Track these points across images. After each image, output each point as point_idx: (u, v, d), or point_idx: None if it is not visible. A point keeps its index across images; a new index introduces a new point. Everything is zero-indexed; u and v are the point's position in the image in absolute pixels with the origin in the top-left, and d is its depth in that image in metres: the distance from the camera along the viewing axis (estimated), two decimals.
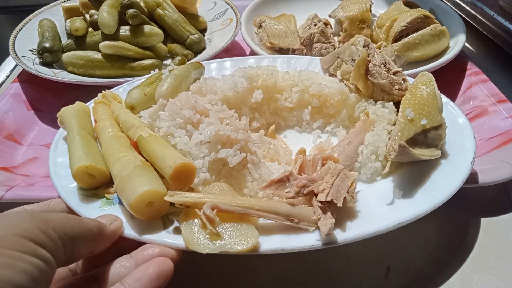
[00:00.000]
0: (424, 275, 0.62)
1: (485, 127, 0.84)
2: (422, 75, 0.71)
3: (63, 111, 0.72)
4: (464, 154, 0.63)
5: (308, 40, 1.05)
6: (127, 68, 1.03)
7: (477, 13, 1.11)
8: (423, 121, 0.62)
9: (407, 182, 0.61)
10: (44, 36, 1.06)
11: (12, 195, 0.70)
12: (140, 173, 0.56)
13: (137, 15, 1.04)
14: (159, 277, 0.47)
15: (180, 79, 0.76)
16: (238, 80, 0.76)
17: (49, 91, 1.03)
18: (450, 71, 0.99)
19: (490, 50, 1.13)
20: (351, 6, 1.11)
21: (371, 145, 0.67)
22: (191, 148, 0.63)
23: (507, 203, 0.72)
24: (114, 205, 0.59)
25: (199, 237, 0.52)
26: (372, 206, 0.58)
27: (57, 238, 0.41)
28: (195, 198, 0.54)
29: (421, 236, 0.67)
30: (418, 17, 1.01)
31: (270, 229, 0.55)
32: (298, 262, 0.64)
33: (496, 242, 0.66)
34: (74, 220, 0.46)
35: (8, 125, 0.91)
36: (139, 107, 0.74)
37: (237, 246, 0.51)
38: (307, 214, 0.55)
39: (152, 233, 0.54)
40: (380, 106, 0.74)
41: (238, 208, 0.53)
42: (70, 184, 0.62)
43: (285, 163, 0.70)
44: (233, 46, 1.19)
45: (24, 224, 0.39)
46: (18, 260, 0.36)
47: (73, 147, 0.64)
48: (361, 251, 0.65)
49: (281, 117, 0.81)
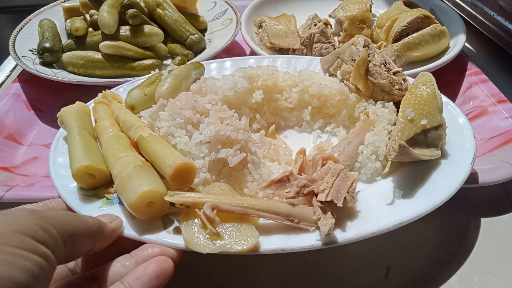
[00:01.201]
0: (424, 275, 0.62)
1: (485, 127, 0.84)
2: (422, 75, 0.71)
3: (63, 111, 0.72)
4: (464, 154, 0.63)
5: (308, 40, 1.05)
6: (127, 68, 1.03)
7: (477, 13, 1.11)
8: (423, 121, 0.62)
9: (407, 182, 0.61)
10: (44, 36, 1.06)
11: (12, 195, 0.70)
12: (140, 173, 0.56)
13: (137, 15, 1.04)
14: (159, 276, 0.47)
15: (180, 79, 0.76)
16: (238, 80, 0.76)
17: (49, 91, 1.03)
18: (450, 71, 0.99)
19: (490, 50, 1.13)
20: (351, 6, 1.11)
21: (371, 145, 0.67)
22: (191, 148, 0.63)
23: (507, 203, 0.72)
24: (114, 205, 0.59)
25: (199, 237, 0.52)
26: (372, 206, 0.58)
27: (57, 235, 0.41)
28: (195, 198, 0.54)
29: (421, 236, 0.67)
30: (418, 17, 1.01)
31: (270, 229, 0.55)
32: (298, 262, 0.64)
33: (496, 242, 0.66)
34: (74, 217, 0.46)
35: (8, 125, 0.91)
36: (139, 107, 0.74)
37: (237, 246, 0.51)
38: (307, 214, 0.55)
39: (152, 233, 0.54)
40: (380, 106, 0.74)
41: (238, 208, 0.53)
42: (70, 184, 0.62)
43: (285, 163, 0.70)
44: (233, 46, 1.19)
45: (24, 221, 0.39)
46: (19, 257, 0.36)
47: (73, 147, 0.64)
48: (361, 251, 0.65)
49: (281, 117, 0.81)
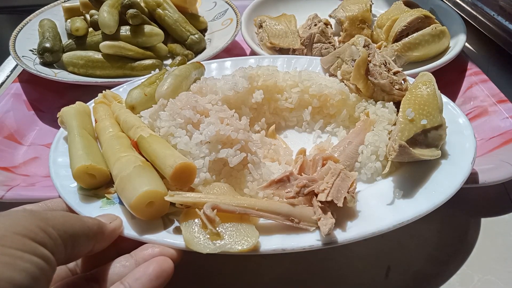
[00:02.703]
0: (424, 275, 0.62)
1: (486, 127, 0.84)
2: (423, 75, 0.71)
3: (63, 111, 0.72)
4: (464, 154, 0.63)
5: (309, 40, 1.05)
6: (127, 68, 1.04)
7: (478, 13, 1.11)
8: (423, 121, 0.62)
9: (407, 182, 0.61)
10: (44, 36, 1.06)
11: (12, 195, 0.70)
12: (141, 173, 0.56)
13: (137, 15, 1.04)
14: (159, 277, 0.47)
15: (180, 79, 0.76)
16: (238, 80, 0.76)
17: (50, 91, 1.03)
18: (450, 71, 0.99)
19: (491, 50, 1.13)
20: (351, 6, 1.11)
21: (371, 145, 0.67)
22: (192, 148, 0.63)
23: (507, 203, 0.72)
24: (114, 205, 0.59)
25: (199, 237, 0.52)
26: (372, 206, 0.58)
27: (57, 237, 0.41)
28: (195, 198, 0.54)
29: (421, 236, 0.67)
30: (418, 17, 1.01)
31: (270, 229, 0.55)
32: (298, 262, 0.64)
33: (496, 242, 0.66)
34: (74, 218, 0.46)
35: (9, 125, 0.91)
36: (140, 107, 0.74)
37: (237, 246, 0.51)
38: (308, 214, 0.55)
39: (152, 233, 0.54)
40: (380, 106, 0.74)
41: (239, 208, 0.53)
42: (71, 184, 0.62)
43: (285, 163, 0.70)
44: (233, 46, 1.19)
45: (24, 222, 0.39)
46: (19, 259, 0.36)
47: (73, 147, 0.64)
48: (361, 251, 0.65)
49: (281, 117, 0.81)
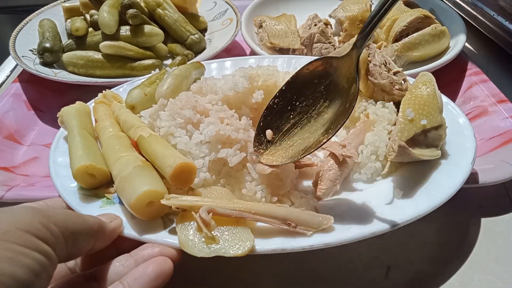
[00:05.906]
0: (424, 275, 0.62)
1: (486, 127, 0.84)
2: (423, 75, 0.71)
3: (63, 111, 0.72)
4: (464, 154, 0.63)
5: (309, 40, 1.05)
6: (127, 68, 1.04)
7: (477, 13, 1.11)
8: (423, 121, 0.62)
9: (407, 182, 0.61)
10: (44, 36, 1.06)
11: (12, 195, 0.70)
12: (141, 173, 0.56)
13: (137, 15, 1.04)
14: (159, 277, 0.47)
15: (180, 79, 0.76)
16: (238, 80, 0.75)
17: (50, 91, 1.03)
18: (450, 71, 0.99)
19: (491, 50, 1.13)
20: (351, 6, 1.11)
21: (371, 145, 0.67)
22: (192, 148, 0.63)
23: (507, 203, 0.72)
24: (114, 205, 0.59)
25: (194, 240, 0.51)
26: (372, 206, 0.58)
27: (59, 233, 0.41)
28: (191, 202, 0.54)
29: (421, 236, 0.67)
30: (418, 17, 1.01)
31: (269, 230, 0.55)
32: (298, 262, 0.64)
33: (496, 242, 0.66)
34: (76, 216, 0.46)
35: (9, 125, 0.91)
36: (140, 107, 0.74)
37: (231, 251, 0.50)
38: (305, 218, 0.54)
39: (152, 232, 0.54)
40: (381, 106, 0.74)
41: (235, 212, 0.53)
42: (71, 184, 0.62)
43: None
44: (233, 46, 1.19)
45: (27, 218, 0.39)
46: (20, 255, 0.36)
47: (73, 147, 0.64)
48: (361, 251, 0.65)
49: None
